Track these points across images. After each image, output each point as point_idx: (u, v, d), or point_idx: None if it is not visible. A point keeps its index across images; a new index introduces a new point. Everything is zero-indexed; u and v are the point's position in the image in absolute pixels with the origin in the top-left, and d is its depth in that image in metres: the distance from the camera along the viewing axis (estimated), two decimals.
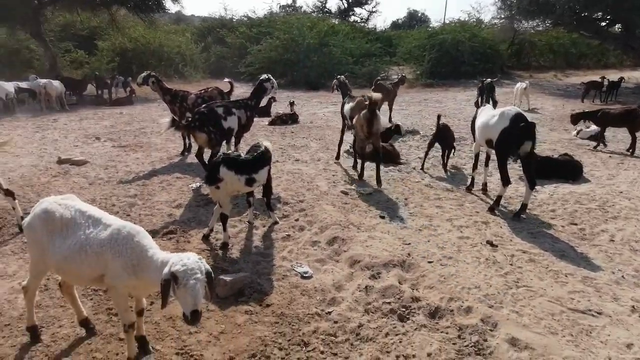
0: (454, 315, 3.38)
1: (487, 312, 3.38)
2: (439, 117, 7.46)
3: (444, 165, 7.40)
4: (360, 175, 6.80)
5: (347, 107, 7.21)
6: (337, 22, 29.53)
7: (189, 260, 2.33)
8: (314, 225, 4.99)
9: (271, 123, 11.27)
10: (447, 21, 28.67)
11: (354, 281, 3.87)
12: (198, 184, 6.26)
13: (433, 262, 4.18)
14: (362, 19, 42.56)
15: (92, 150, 8.31)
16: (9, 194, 4.67)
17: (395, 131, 8.86)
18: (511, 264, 4.20)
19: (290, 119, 11.47)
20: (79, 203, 2.87)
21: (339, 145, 7.87)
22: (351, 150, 8.56)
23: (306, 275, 3.96)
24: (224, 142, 6.36)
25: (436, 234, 4.87)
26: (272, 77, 6.97)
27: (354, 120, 6.65)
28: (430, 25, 37.21)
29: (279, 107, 13.07)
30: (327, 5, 43.04)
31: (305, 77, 20.58)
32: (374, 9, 43.09)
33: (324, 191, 6.16)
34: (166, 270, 2.33)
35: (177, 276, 2.28)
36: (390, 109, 11.71)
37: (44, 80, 13.62)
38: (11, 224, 4.90)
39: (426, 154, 7.54)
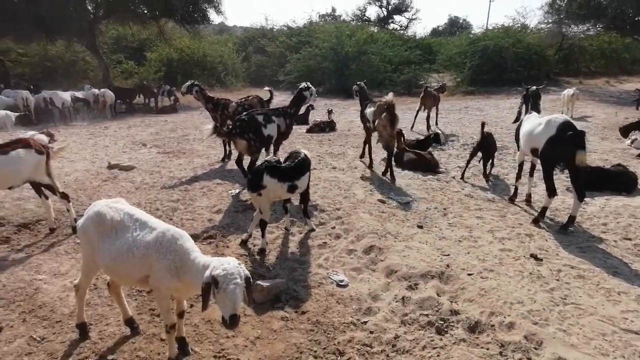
0: (496, 331, 3.25)
1: (531, 329, 3.23)
2: (483, 124, 7.27)
3: (486, 174, 7.18)
4: (392, 179, 6.97)
5: (369, 111, 7.38)
6: (376, 30, 29.51)
7: (229, 265, 2.38)
8: (351, 234, 4.97)
9: (309, 131, 11.37)
10: (489, 27, 27.91)
11: (391, 291, 3.82)
12: (237, 190, 6.41)
13: (473, 274, 4.05)
14: (401, 26, 42.27)
15: (138, 156, 8.71)
16: (64, 197, 4.98)
17: (435, 139, 8.69)
18: (558, 280, 3.99)
19: (327, 126, 11.53)
20: (127, 206, 2.99)
21: (369, 152, 7.89)
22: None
23: (342, 283, 3.95)
24: (263, 149, 6.49)
25: (476, 245, 4.73)
26: (311, 86, 7.07)
27: (376, 123, 7.02)
28: (472, 31, 36.36)
29: (317, 115, 13.17)
30: (367, 14, 43.11)
31: (344, 85, 20.66)
32: (413, 17, 42.69)
33: (361, 199, 6.13)
34: (207, 273, 2.39)
35: (217, 280, 2.33)
36: (437, 115, 11.97)
37: (100, 90, 14.66)
38: (65, 225, 5.20)
39: (468, 162, 7.36)
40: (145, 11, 19.11)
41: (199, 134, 10.81)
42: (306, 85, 7.02)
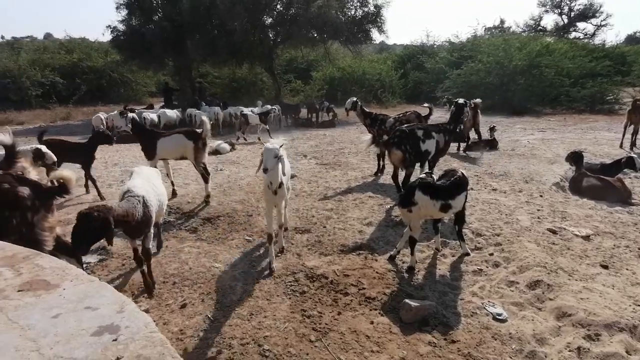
0: None
1: None
2: None
3: None
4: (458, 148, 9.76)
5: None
6: (552, 40, 26.33)
7: None
8: (512, 263, 4.45)
9: (467, 149, 10.73)
10: None
11: (562, 337, 3.26)
12: (390, 205, 6.39)
13: None
14: (586, 34, 36.95)
15: (300, 165, 9.47)
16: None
17: (628, 164, 7.22)
18: None
19: (488, 145, 10.69)
20: None
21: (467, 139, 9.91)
22: (561, 183, 7.41)
23: (500, 317, 3.54)
24: (417, 165, 6.36)
25: None
26: (468, 102, 6.81)
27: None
28: None
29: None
30: (542, 23, 39.01)
31: (509, 101, 18.93)
32: (603, 22, 36.92)
33: (526, 226, 5.45)
34: None
35: None
36: (636, 132, 10.33)
37: (271, 106, 16.85)
38: (237, 223, 5.93)
39: None
40: (316, 35, 20.89)
41: (354, 148, 11.24)
42: (464, 101, 6.71)
